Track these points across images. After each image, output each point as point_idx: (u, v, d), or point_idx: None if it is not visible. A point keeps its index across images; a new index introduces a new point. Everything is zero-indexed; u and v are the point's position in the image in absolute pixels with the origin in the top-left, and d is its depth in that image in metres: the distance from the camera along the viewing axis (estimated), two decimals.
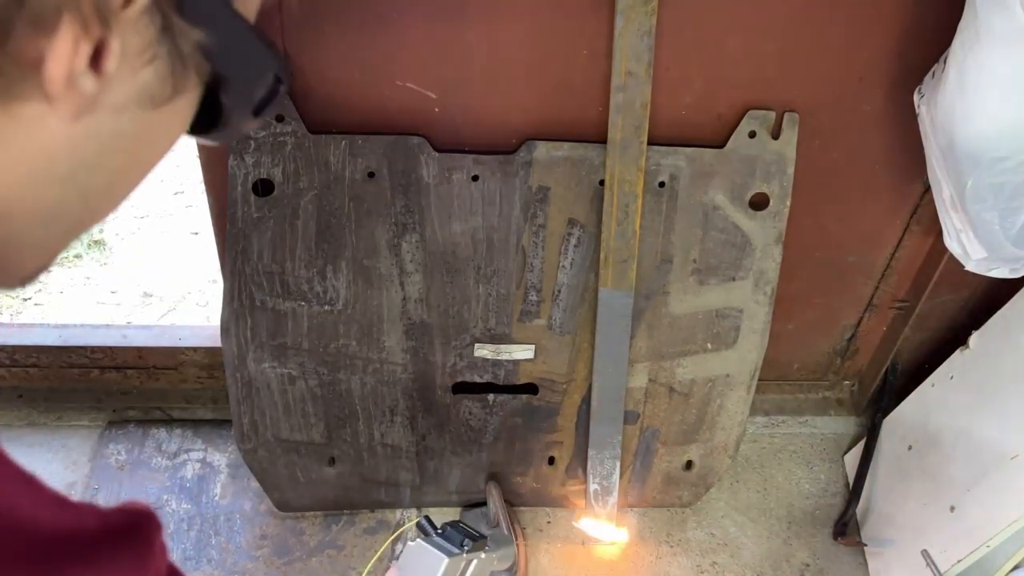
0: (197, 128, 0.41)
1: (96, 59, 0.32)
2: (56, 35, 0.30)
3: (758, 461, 1.55)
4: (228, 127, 0.41)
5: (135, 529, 0.38)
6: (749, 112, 1.07)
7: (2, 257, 0.37)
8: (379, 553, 1.08)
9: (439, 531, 1.03)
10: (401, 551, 1.02)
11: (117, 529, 0.37)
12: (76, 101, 0.33)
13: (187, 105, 0.38)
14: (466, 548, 1.01)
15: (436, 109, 1.05)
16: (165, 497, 1.40)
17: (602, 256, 1.12)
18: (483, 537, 1.06)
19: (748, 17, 1.01)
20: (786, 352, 1.47)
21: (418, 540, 1.00)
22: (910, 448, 1.38)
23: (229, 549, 1.35)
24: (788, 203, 1.13)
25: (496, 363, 1.22)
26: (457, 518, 1.41)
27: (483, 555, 1.06)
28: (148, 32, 0.34)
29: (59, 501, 0.35)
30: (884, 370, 1.50)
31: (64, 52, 0.31)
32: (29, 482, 0.34)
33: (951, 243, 1.05)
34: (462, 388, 1.25)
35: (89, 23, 0.31)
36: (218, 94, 0.39)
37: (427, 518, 1.05)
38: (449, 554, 0.98)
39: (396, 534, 1.33)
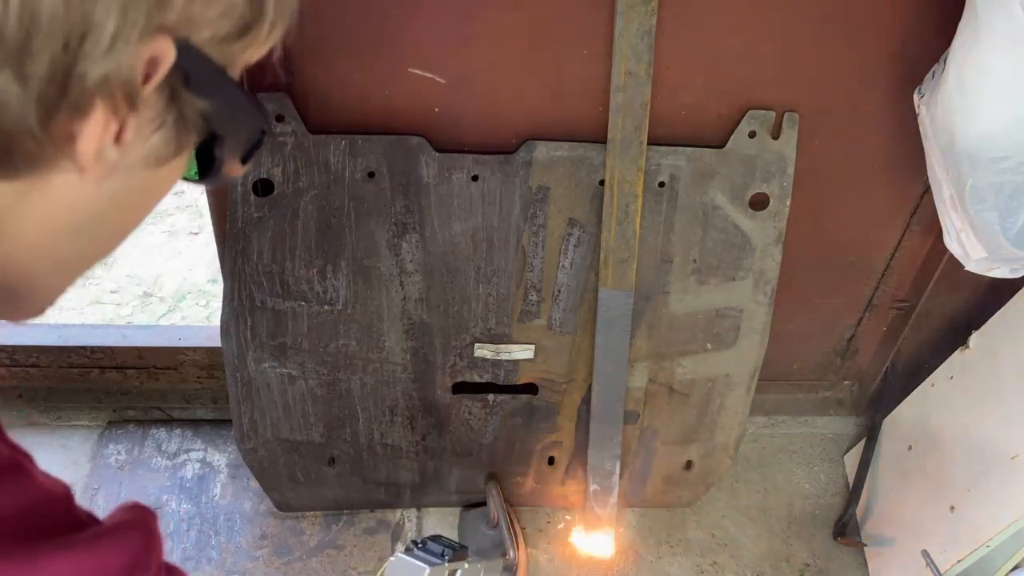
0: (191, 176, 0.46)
1: (118, 133, 0.36)
2: (90, 117, 0.35)
3: (758, 461, 1.55)
4: (219, 175, 0.45)
5: (136, 514, 0.42)
6: (749, 112, 1.07)
7: (23, 299, 0.43)
8: (384, 567, 1.10)
9: (419, 544, 1.05)
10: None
11: (121, 515, 0.42)
12: (101, 170, 0.37)
13: (186, 159, 0.43)
14: (447, 558, 1.03)
15: (436, 109, 1.05)
16: (165, 497, 1.40)
17: (602, 256, 1.12)
18: (463, 548, 1.08)
19: (748, 17, 1.01)
20: (786, 352, 1.47)
21: (398, 554, 1.02)
22: (910, 448, 1.38)
23: (229, 549, 1.35)
24: (788, 203, 1.13)
25: (496, 363, 1.22)
26: (457, 518, 1.41)
27: (467, 565, 1.08)
28: (159, 104, 0.38)
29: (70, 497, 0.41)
30: (884, 370, 1.50)
31: (97, 132, 0.35)
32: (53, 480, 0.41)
33: (951, 243, 1.05)
34: (462, 388, 1.25)
35: (119, 106, 0.35)
36: (212, 147, 0.43)
37: (413, 541, 1.08)
38: (430, 564, 1.01)
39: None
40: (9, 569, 0.34)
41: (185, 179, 0.45)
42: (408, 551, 1.04)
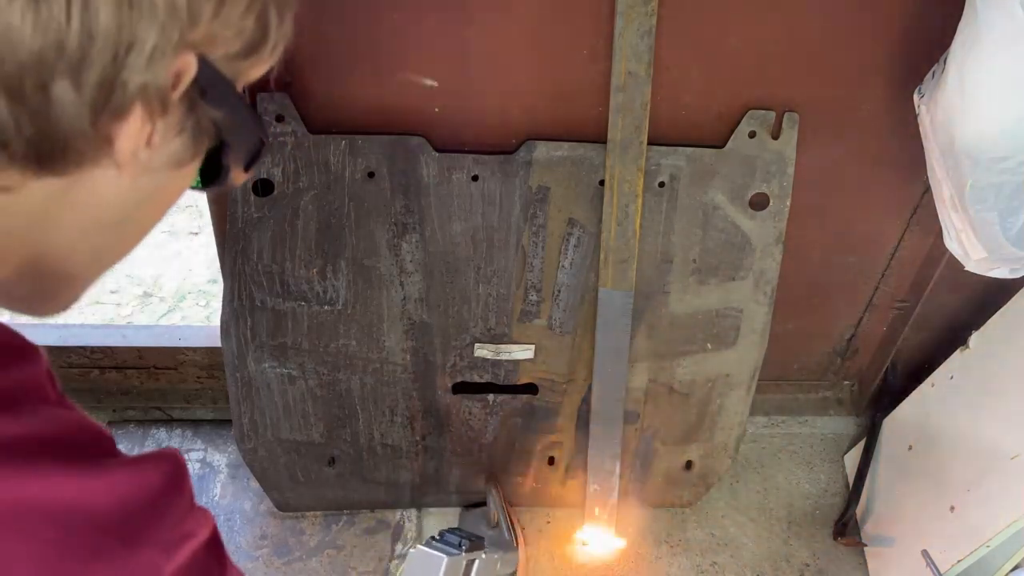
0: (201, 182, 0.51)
1: (149, 135, 0.42)
2: (129, 120, 0.40)
3: (758, 461, 1.55)
4: (225, 181, 0.51)
5: (167, 451, 0.48)
6: (749, 112, 1.07)
7: (55, 292, 0.48)
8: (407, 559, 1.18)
9: (435, 537, 1.10)
10: (403, 550, 1.09)
11: (152, 451, 0.47)
12: (135, 168, 0.42)
13: (198, 164, 0.48)
14: (464, 548, 1.07)
15: (436, 109, 1.05)
16: None
17: (602, 256, 1.12)
18: (480, 538, 1.11)
19: (748, 17, 1.01)
20: (786, 352, 1.47)
21: (418, 546, 1.07)
22: (910, 448, 1.38)
23: (229, 549, 1.34)
24: (788, 203, 1.13)
25: (496, 363, 1.22)
26: (457, 518, 1.41)
27: (484, 555, 1.11)
28: (181, 111, 0.43)
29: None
30: (884, 370, 1.50)
31: (134, 133, 0.40)
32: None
33: (951, 243, 1.05)
34: (462, 388, 1.25)
35: (153, 111, 0.41)
36: (219, 155, 0.49)
37: (432, 537, 1.13)
38: (448, 554, 1.05)
39: (406, 549, 1.38)
40: (77, 476, 0.41)
41: (192, 187, 0.50)
42: (427, 543, 1.09)
